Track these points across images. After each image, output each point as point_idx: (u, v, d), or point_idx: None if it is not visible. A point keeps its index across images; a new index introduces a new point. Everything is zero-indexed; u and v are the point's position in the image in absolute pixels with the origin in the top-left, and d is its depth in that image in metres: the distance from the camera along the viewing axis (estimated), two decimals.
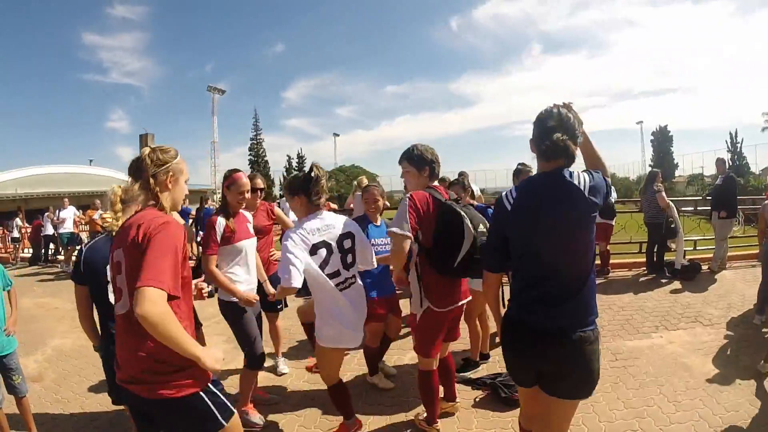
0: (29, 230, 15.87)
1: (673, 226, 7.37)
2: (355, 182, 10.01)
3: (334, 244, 2.92)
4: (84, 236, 13.66)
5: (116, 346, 2.00)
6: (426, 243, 2.90)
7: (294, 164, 67.58)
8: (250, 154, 68.27)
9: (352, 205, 9.21)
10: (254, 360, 3.47)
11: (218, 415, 1.96)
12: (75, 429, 3.80)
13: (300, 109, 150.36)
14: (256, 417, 3.56)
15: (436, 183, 3.12)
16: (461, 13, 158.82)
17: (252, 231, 3.64)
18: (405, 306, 4.10)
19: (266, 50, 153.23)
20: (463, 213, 2.86)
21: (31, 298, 8.34)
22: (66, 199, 13.61)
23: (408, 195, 2.90)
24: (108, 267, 2.03)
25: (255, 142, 69.00)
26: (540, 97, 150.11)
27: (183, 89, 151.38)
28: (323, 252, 2.87)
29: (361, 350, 4.14)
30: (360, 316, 3.07)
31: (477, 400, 3.78)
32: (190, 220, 10.49)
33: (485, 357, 4.46)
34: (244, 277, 3.47)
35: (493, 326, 4.23)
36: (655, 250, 7.69)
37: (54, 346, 5.81)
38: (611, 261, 7.91)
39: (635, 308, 5.82)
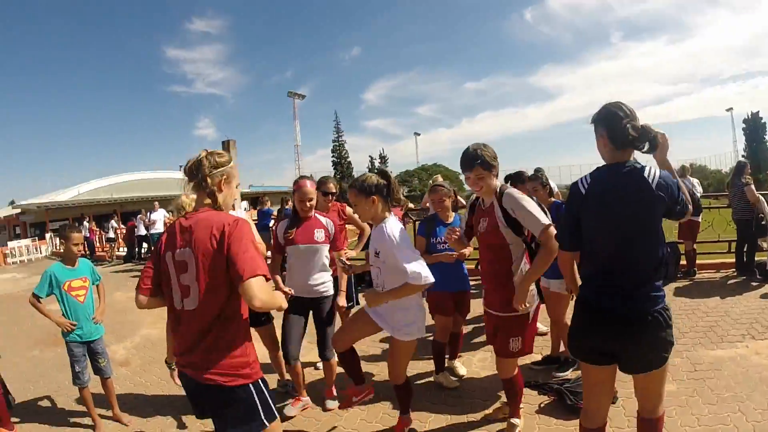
0: (124, 231, 17.47)
1: (763, 222, 6.79)
2: (431, 181, 10.08)
3: None
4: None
5: (177, 335, 2.17)
6: (531, 239, 2.98)
7: (377, 164, 68.52)
8: (332, 156, 70.27)
9: (427, 204, 9.24)
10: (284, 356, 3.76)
11: (262, 414, 2.11)
12: (154, 409, 4.15)
13: (380, 110, 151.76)
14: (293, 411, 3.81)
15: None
16: (535, 5, 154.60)
17: (320, 237, 3.70)
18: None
19: (343, 54, 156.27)
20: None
21: (124, 292, 8.99)
22: (157, 203, 14.72)
23: (516, 192, 2.88)
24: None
25: (337, 144, 70.71)
26: (623, 85, 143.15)
27: (265, 95, 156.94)
28: None
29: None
30: None
31: (542, 405, 3.70)
32: (272, 221, 10.93)
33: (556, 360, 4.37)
34: (291, 282, 3.70)
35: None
36: (745, 249, 7.09)
37: (142, 335, 6.37)
38: (698, 261, 7.36)
39: (721, 314, 5.39)
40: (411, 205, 10.82)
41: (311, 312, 3.77)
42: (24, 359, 5.86)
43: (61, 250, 4.11)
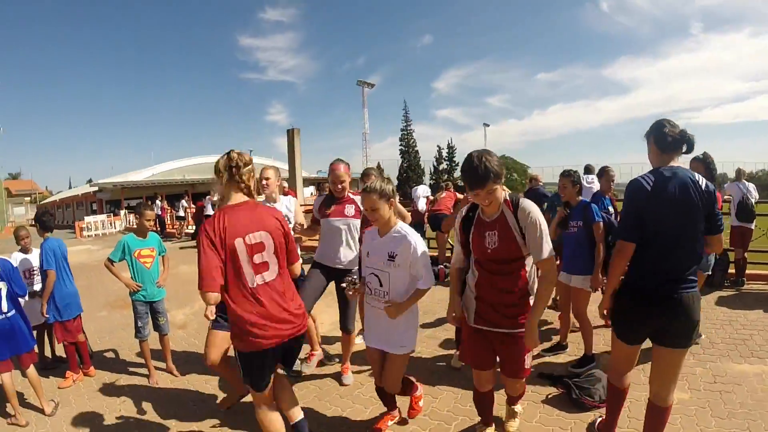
0: (193, 210, 18.66)
1: None
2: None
3: None
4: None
5: (256, 310, 2.63)
6: None
7: (444, 154, 68.08)
8: (400, 145, 70.01)
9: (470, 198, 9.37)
10: None
11: None
12: (202, 367, 4.67)
13: (450, 99, 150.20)
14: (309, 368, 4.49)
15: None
16: None
17: (349, 212, 4.12)
18: None
19: (414, 41, 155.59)
20: None
21: (189, 265, 9.89)
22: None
23: (533, 207, 2.74)
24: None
25: (405, 132, 70.37)
26: (702, 80, 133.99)
27: (336, 82, 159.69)
28: None
29: None
30: None
31: (549, 396, 3.92)
32: None
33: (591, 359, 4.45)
34: (321, 251, 4.21)
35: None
36: None
37: (200, 304, 6.94)
38: (748, 271, 6.99)
39: (759, 328, 5.18)
40: (461, 197, 10.98)
41: (335, 283, 4.09)
42: (95, 319, 6.77)
43: (135, 225, 4.78)
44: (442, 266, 8.38)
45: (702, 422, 3.44)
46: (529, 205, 2.71)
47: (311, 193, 34.23)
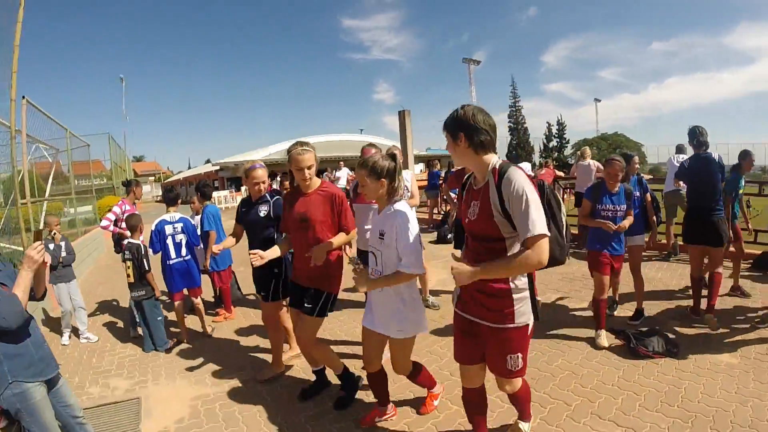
0: None
1: None
2: (578, 152, 10.52)
3: None
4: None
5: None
6: None
7: (554, 131, 65.91)
8: (509, 122, 68.25)
9: (575, 174, 9.74)
10: None
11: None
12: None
13: (560, 73, 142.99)
14: None
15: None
16: None
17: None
18: None
19: (519, 14, 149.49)
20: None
21: None
22: (341, 162, 16.88)
23: (521, 177, 2.32)
24: None
25: (513, 109, 68.56)
26: None
27: (440, 59, 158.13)
28: None
29: None
30: None
31: (611, 346, 4.55)
32: (440, 181, 12.24)
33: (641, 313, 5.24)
34: (357, 233, 4.25)
35: None
36: None
37: None
38: None
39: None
40: (561, 174, 11.30)
41: None
42: (237, 273, 7.58)
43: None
44: None
45: (741, 382, 3.76)
46: (515, 175, 2.28)
47: (421, 170, 35.17)
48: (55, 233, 5.49)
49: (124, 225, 5.74)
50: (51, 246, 5.44)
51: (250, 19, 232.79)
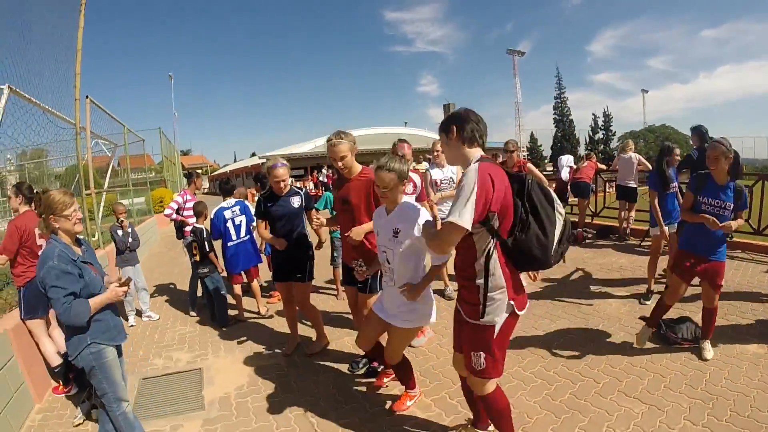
0: None
1: None
2: (621, 144, 10.57)
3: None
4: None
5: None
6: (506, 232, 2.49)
7: (600, 123, 64.73)
8: (554, 113, 68.01)
9: (617, 167, 9.81)
10: None
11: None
12: None
13: (607, 63, 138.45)
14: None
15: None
16: None
17: (407, 190, 4.80)
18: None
19: (564, 2, 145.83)
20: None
21: None
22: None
23: (472, 172, 2.32)
24: None
25: (559, 100, 68.15)
26: None
27: (485, 50, 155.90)
28: None
29: None
30: None
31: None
32: None
33: None
34: None
35: None
36: None
37: None
38: None
39: None
40: (603, 167, 11.33)
41: None
42: None
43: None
44: (581, 230, 9.39)
45: (766, 371, 3.84)
46: (472, 168, 2.32)
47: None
48: (123, 220, 6.03)
49: (186, 213, 6.30)
50: (119, 232, 5.99)
51: (294, 14, 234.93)
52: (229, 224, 5.84)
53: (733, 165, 3.89)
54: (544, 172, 14.63)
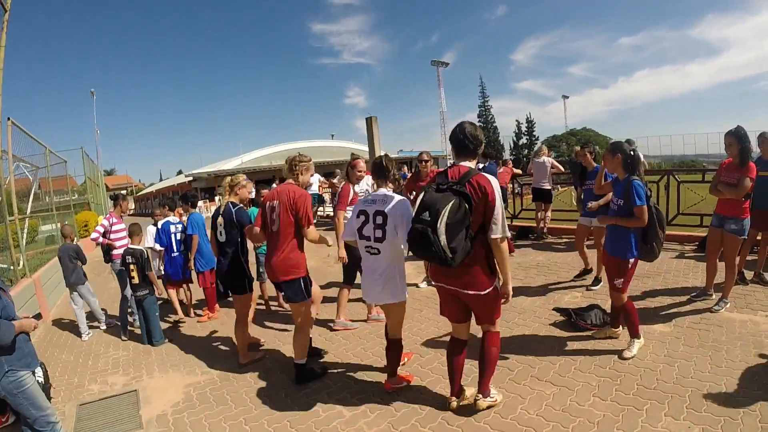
0: None
1: None
2: (536, 150, 11.12)
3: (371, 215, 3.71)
4: (327, 197, 17.16)
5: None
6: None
7: (524, 129, 67.52)
8: (478, 121, 68.73)
9: (532, 171, 10.32)
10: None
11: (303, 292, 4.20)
12: None
13: (530, 71, 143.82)
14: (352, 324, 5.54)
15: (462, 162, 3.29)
16: None
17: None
18: None
19: (488, 14, 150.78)
20: (420, 196, 3.19)
21: None
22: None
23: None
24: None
25: (483, 108, 70.65)
26: None
27: (411, 61, 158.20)
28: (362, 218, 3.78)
29: None
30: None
31: (555, 322, 5.12)
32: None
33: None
34: None
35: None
36: None
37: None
38: None
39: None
40: (518, 172, 11.85)
41: None
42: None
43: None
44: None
45: (671, 347, 4.29)
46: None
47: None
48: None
49: (113, 237, 6.26)
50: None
51: (217, 27, 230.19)
52: (173, 238, 6.41)
53: (624, 161, 4.22)
54: None
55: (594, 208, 5.69)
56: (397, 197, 3.68)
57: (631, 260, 4.17)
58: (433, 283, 3.50)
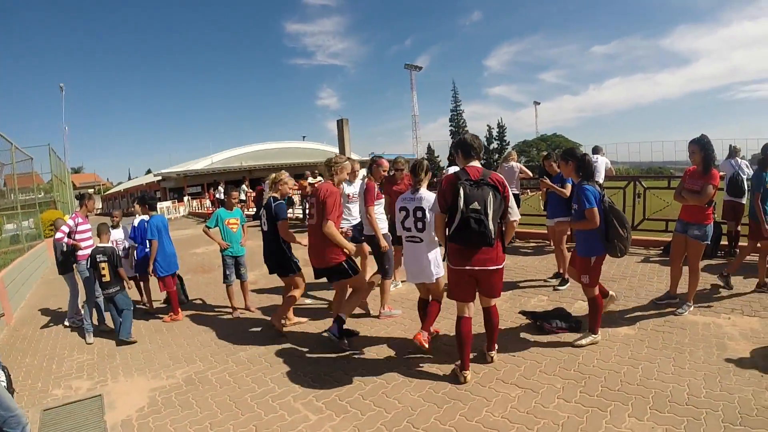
0: (253, 194, 20.19)
1: None
2: (504, 155, 11.25)
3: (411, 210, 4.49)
4: (296, 199, 17.04)
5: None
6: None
7: (495, 134, 68.11)
8: (451, 125, 70.90)
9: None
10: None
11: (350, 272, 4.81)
12: (269, 308, 6.33)
13: (503, 77, 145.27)
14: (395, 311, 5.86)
15: (472, 164, 3.93)
16: None
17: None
18: None
19: (463, 19, 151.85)
20: (461, 191, 3.69)
21: (254, 241, 11.35)
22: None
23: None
24: None
25: (455, 113, 71.44)
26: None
27: (385, 64, 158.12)
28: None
29: None
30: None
31: (522, 325, 5.17)
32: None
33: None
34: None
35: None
36: None
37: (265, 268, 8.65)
38: (741, 243, 7.49)
39: (731, 290, 5.80)
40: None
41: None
42: (184, 280, 8.10)
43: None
44: None
45: (635, 349, 4.36)
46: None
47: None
48: None
49: (78, 237, 6.12)
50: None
51: (189, 25, 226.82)
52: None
53: (576, 167, 4.61)
54: None
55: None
56: (431, 195, 4.37)
57: (593, 258, 4.47)
58: (452, 267, 3.97)
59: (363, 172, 7.07)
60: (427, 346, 4.26)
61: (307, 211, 5.18)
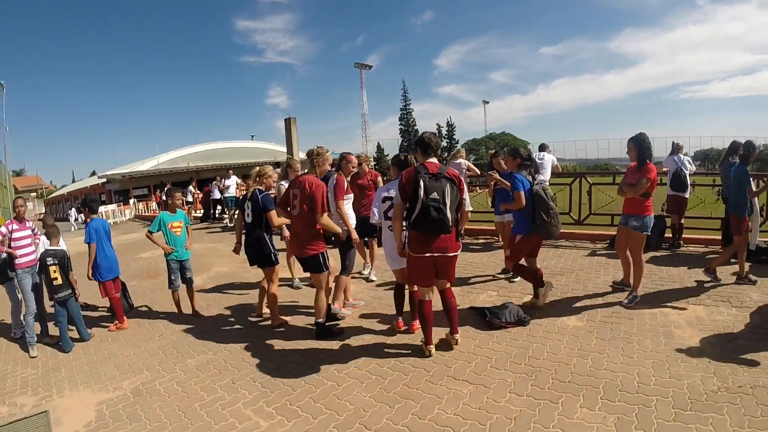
0: (200, 195, 19.83)
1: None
2: (453, 152, 11.37)
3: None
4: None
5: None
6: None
7: (444, 132, 68.84)
8: (400, 124, 71.50)
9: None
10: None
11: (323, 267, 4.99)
12: (216, 311, 6.32)
13: (453, 76, 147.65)
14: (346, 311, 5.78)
15: (431, 160, 4.27)
16: None
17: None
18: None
19: (415, 19, 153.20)
20: (421, 182, 4.01)
21: (201, 244, 11.43)
22: (230, 170, 16.42)
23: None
24: None
25: (405, 111, 71.81)
26: (710, 52, 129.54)
27: (336, 63, 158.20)
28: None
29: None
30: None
31: (472, 320, 5.25)
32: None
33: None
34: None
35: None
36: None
37: (215, 271, 8.53)
38: (688, 236, 8.03)
39: (675, 281, 6.10)
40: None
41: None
42: (129, 286, 7.78)
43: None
44: None
45: (584, 341, 4.50)
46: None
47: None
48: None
49: (15, 245, 5.82)
50: None
51: (136, 20, 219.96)
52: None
53: (522, 164, 5.51)
54: None
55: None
56: None
57: (518, 236, 5.43)
58: (414, 254, 4.24)
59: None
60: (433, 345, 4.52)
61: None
